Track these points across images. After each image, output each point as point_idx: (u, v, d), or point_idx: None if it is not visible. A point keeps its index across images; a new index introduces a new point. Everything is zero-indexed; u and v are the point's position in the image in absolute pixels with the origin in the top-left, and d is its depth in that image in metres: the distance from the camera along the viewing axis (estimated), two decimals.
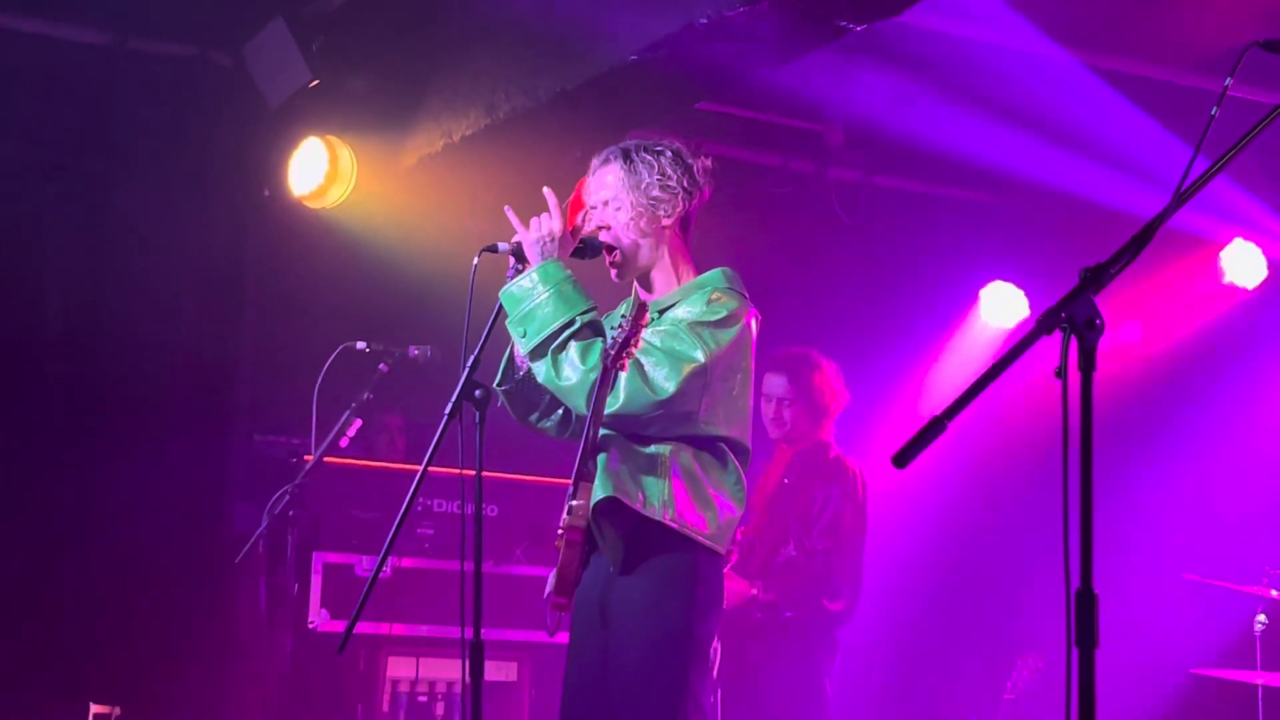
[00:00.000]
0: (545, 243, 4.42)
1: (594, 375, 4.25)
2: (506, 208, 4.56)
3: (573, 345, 4.30)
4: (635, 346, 4.21)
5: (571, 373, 4.29)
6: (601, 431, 4.31)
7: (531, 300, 4.35)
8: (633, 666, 4.31)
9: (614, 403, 4.23)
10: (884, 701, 8.99)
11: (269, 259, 7.93)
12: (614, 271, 4.56)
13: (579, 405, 4.30)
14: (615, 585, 4.36)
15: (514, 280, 4.42)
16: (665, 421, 4.30)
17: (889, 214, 8.96)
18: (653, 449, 4.33)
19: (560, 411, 4.66)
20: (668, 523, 4.27)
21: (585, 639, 4.45)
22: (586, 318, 4.34)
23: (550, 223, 4.45)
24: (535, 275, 4.38)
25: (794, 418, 6.67)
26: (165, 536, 7.50)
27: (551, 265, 4.39)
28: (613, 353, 4.20)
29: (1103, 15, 7.18)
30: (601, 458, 4.30)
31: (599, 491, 4.26)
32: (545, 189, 4.51)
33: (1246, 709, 6.82)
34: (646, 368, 4.24)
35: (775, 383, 6.67)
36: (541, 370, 4.36)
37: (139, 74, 7.58)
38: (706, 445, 4.38)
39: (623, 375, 4.23)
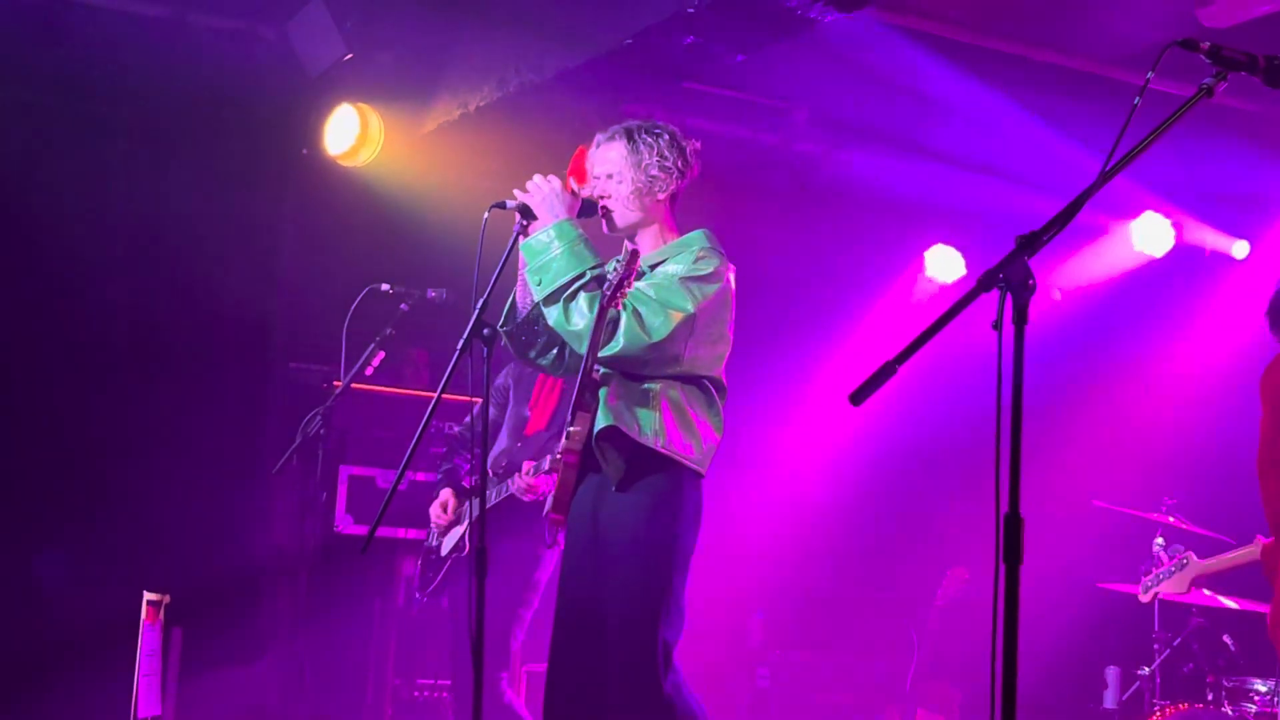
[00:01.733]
0: (551, 201, 4.42)
1: (591, 327, 4.27)
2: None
3: (581, 295, 4.31)
4: (628, 288, 4.22)
5: (579, 319, 4.30)
6: (602, 371, 4.34)
7: (548, 254, 4.36)
8: (624, 572, 4.33)
9: (615, 345, 4.25)
10: (826, 605, 9.04)
11: (306, 209, 7.91)
12: (605, 226, 4.58)
13: (583, 348, 4.31)
14: (608, 501, 4.38)
15: (533, 235, 4.42)
16: (657, 362, 4.32)
17: (845, 183, 8.94)
18: (646, 386, 4.35)
19: (555, 351, 4.67)
20: (659, 449, 4.30)
21: (578, 547, 4.47)
22: (595, 272, 4.35)
23: (549, 183, 4.45)
24: (552, 231, 4.38)
25: None
26: (212, 449, 7.50)
27: (566, 224, 4.40)
28: (608, 293, 4.21)
29: (1041, 13, 7.16)
30: (603, 392, 4.32)
31: (602, 420, 4.28)
32: (535, 176, 4.51)
33: (1145, 618, 6.88)
34: (643, 314, 4.26)
35: None
36: (553, 315, 4.37)
37: (195, 44, 7.53)
38: (693, 382, 4.41)
39: (622, 321, 4.24)
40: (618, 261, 4.60)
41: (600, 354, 4.26)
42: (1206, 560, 5.73)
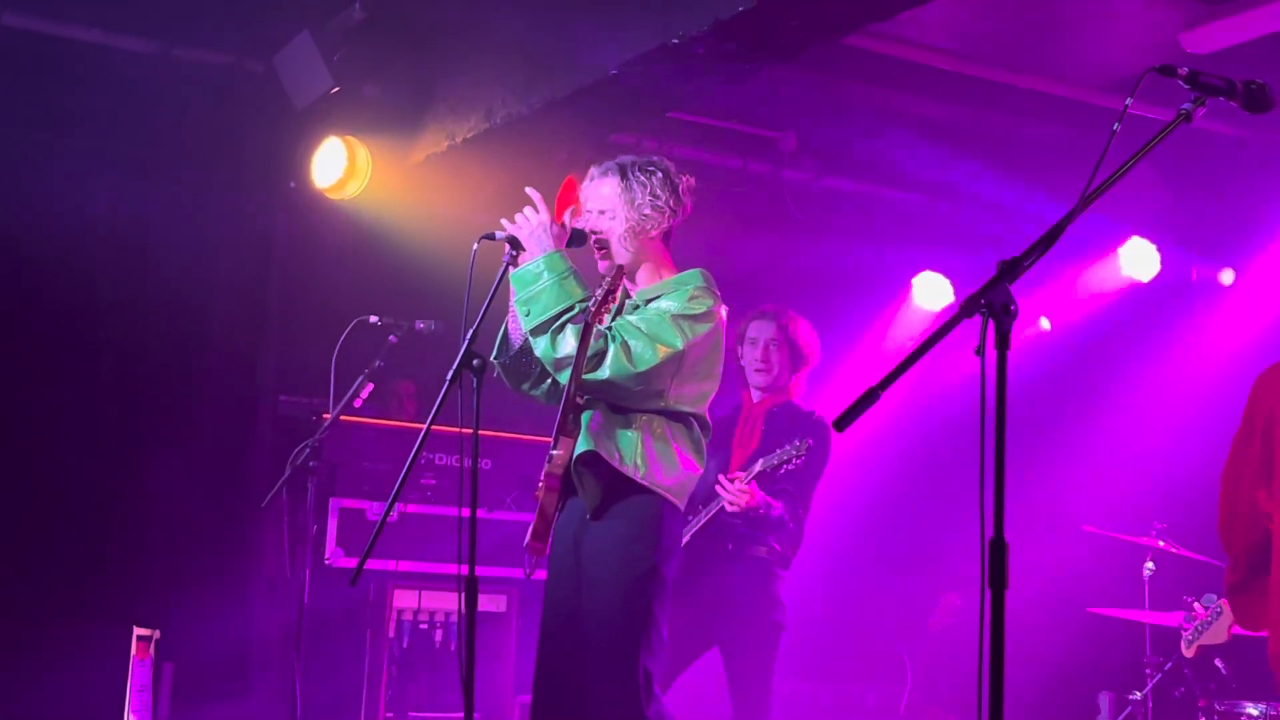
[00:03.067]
0: (539, 234, 4.43)
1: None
2: (531, 191, 4.53)
3: (569, 327, 4.31)
4: (613, 302, 4.24)
5: (565, 350, 4.31)
6: (586, 398, 4.35)
7: (538, 284, 4.36)
8: (605, 601, 4.33)
9: (601, 373, 4.26)
10: (819, 632, 9.03)
11: (294, 242, 7.91)
12: (602, 265, 4.58)
13: (567, 375, 4.31)
14: (589, 529, 4.38)
15: (523, 265, 4.42)
16: (641, 395, 4.32)
17: (835, 211, 8.97)
18: (630, 416, 4.35)
19: (549, 382, 4.67)
20: (638, 479, 4.29)
21: (561, 576, 4.47)
22: (583, 305, 4.35)
23: (538, 215, 4.46)
24: (542, 263, 4.38)
25: (780, 362, 6.25)
26: (201, 483, 7.49)
27: (556, 256, 4.40)
28: (593, 309, 4.23)
29: (1024, 41, 7.21)
30: (585, 416, 4.33)
31: (582, 445, 4.29)
32: (528, 189, 4.52)
33: (1136, 643, 6.88)
34: (631, 346, 4.27)
35: (763, 328, 6.26)
36: (540, 346, 4.37)
37: (182, 79, 7.55)
38: (677, 418, 4.41)
39: (610, 350, 4.25)
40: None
41: (585, 379, 4.27)
42: None
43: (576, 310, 4.34)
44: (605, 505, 4.35)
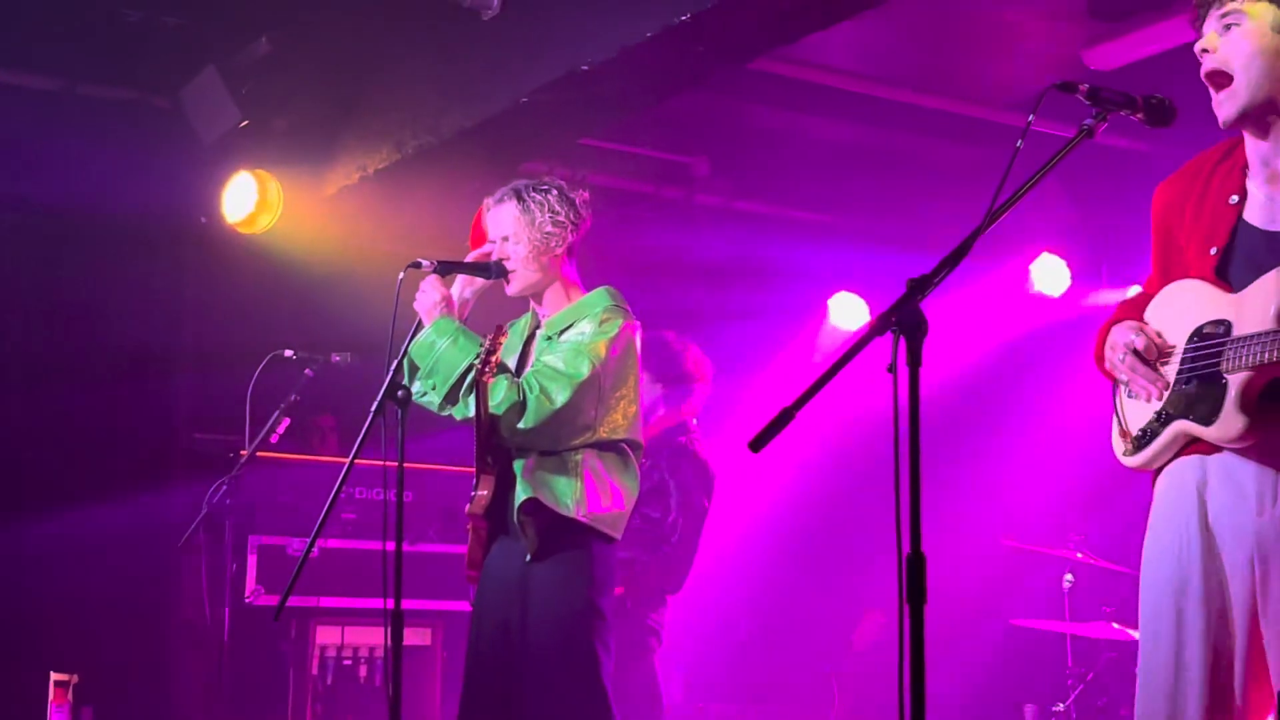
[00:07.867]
0: (428, 307, 4.45)
1: (502, 407, 4.27)
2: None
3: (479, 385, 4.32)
4: (495, 358, 4.23)
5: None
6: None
7: (434, 353, 4.39)
8: (547, 640, 4.35)
9: (526, 424, 4.28)
10: (745, 654, 9.05)
11: (205, 278, 7.85)
12: (508, 288, 4.60)
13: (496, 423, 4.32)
14: (527, 569, 4.38)
15: (417, 339, 4.43)
16: (569, 433, 4.34)
17: (748, 234, 9.02)
18: (564, 456, 4.36)
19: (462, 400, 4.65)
20: (578, 518, 4.31)
21: (492, 612, 4.46)
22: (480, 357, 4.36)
23: (434, 290, 4.46)
24: (432, 332, 4.41)
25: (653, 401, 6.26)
26: (115, 523, 7.38)
27: (442, 321, 4.43)
28: (479, 365, 4.23)
29: (928, 61, 7.30)
30: (519, 462, 4.34)
31: (522, 493, 4.30)
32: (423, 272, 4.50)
33: (1057, 654, 6.96)
34: (548, 389, 4.28)
35: None
36: (459, 412, 4.40)
37: (88, 116, 7.48)
38: (610, 447, 4.43)
39: (529, 400, 4.27)
40: (524, 325, 4.64)
41: (512, 431, 4.28)
42: None
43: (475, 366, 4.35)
44: (543, 547, 4.36)
